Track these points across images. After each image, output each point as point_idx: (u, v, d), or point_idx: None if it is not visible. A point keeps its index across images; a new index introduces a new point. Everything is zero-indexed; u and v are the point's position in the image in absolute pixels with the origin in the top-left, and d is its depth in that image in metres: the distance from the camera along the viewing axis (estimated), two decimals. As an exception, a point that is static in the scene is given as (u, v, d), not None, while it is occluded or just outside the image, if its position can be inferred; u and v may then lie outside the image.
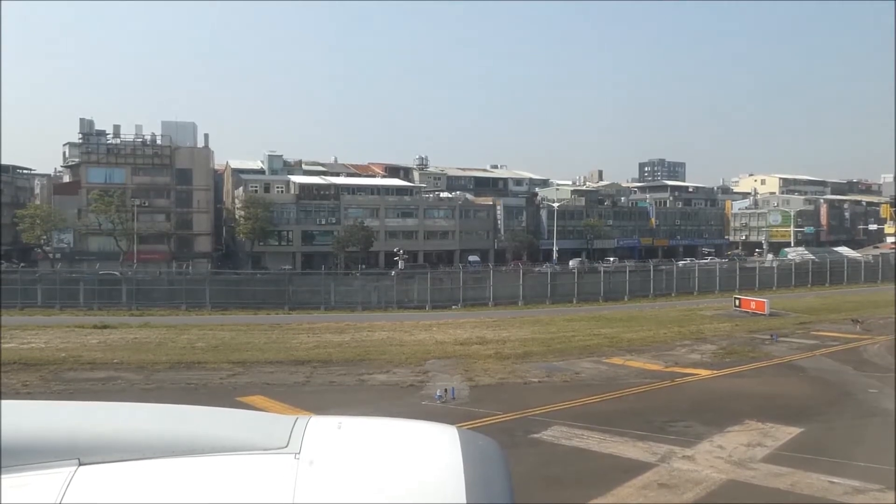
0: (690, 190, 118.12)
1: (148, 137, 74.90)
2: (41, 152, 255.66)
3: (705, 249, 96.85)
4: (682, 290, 50.81)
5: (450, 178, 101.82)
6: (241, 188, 76.81)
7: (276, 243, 74.63)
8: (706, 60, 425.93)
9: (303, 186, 77.83)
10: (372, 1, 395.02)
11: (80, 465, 1.58)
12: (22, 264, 62.30)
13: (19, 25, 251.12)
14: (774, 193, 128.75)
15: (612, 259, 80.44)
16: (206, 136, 78.30)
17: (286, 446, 1.68)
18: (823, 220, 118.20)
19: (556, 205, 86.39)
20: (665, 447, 13.64)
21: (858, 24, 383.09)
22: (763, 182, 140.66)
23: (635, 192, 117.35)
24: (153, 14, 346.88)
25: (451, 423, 1.95)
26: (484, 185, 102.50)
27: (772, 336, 29.16)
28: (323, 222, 76.27)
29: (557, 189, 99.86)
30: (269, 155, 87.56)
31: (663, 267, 56.72)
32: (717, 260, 77.08)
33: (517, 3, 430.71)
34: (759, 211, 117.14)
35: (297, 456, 1.64)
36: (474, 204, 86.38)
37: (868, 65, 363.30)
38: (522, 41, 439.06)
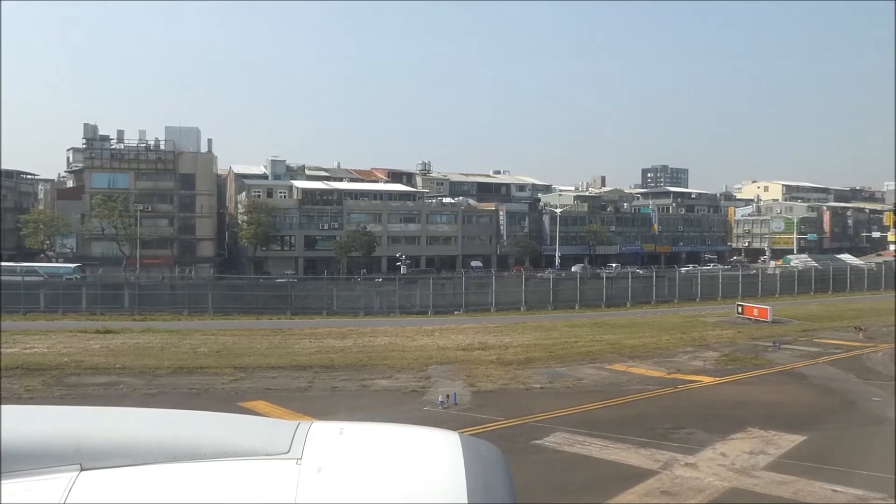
0: (693, 196, 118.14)
1: (151, 142, 75.17)
2: (45, 157, 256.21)
3: (708, 256, 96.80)
4: (685, 297, 50.76)
5: (452, 183, 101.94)
6: (244, 193, 76.95)
7: (279, 248, 74.71)
8: (710, 67, 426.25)
9: (306, 191, 77.95)
10: (375, 3, 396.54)
11: (83, 470, 1.58)
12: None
13: (22, 28, 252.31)
14: (777, 200, 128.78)
15: (614, 265, 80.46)
16: (210, 141, 78.64)
17: (288, 452, 1.68)
18: (826, 227, 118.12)
19: (558, 210, 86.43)
20: (667, 454, 13.60)
21: (861, 30, 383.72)
22: (766, 189, 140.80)
23: (638, 198, 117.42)
24: (157, 19, 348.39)
25: (453, 428, 1.96)
26: (486, 190, 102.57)
27: (774, 343, 29.07)
28: (325, 227, 76.33)
29: (560, 195, 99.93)
30: (272, 160, 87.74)
31: (665, 274, 56.74)
32: (720, 266, 76.99)
33: (520, 9, 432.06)
34: (761, 218, 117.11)
35: (299, 461, 1.64)
36: (477, 209, 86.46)
37: (871, 71, 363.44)
38: (525, 46, 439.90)
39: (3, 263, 54.51)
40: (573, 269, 70.89)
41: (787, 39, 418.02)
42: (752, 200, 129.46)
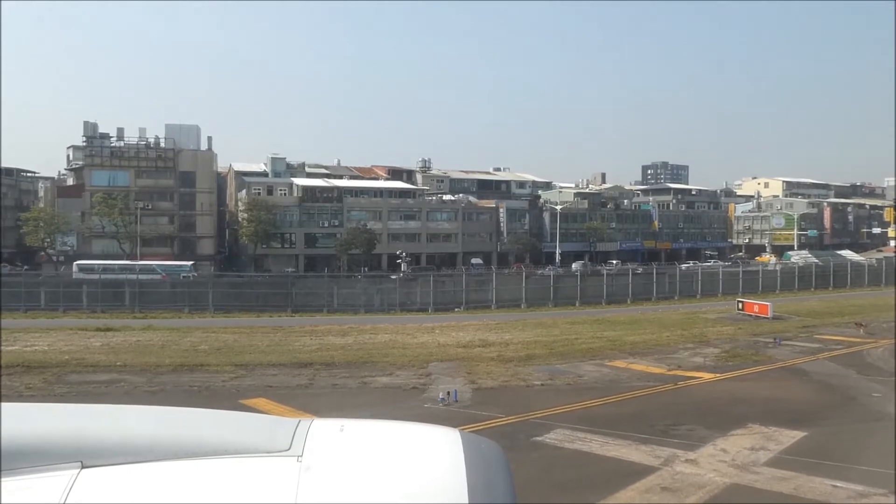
0: (693, 193, 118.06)
1: (151, 140, 75.18)
2: (45, 155, 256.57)
3: (708, 252, 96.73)
4: (685, 294, 50.72)
5: (453, 180, 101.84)
6: (244, 191, 76.93)
7: (279, 246, 74.71)
8: (710, 64, 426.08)
9: (306, 189, 77.92)
10: (376, 2, 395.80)
11: (83, 467, 1.58)
12: (25, 267, 62.49)
13: (22, 28, 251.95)
14: (778, 197, 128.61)
15: (614, 262, 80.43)
16: (210, 138, 78.65)
17: (289, 449, 1.68)
18: (827, 223, 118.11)
19: (558, 207, 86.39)
20: (668, 451, 13.61)
21: (861, 28, 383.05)
22: (766, 185, 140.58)
23: (638, 194, 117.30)
24: (157, 17, 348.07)
25: (454, 425, 1.96)
26: (487, 187, 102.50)
27: (775, 339, 29.07)
28: (326, 225, 76.32)
29: (560, 192, 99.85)
30: (272, 157, 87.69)
31: (665, 270, 56.71)
32: (720, 263, 76.97)
33: (520, 9, 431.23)
34: (762, 214, 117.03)
35: (300, 459, 1.64)
36: (477, 206, 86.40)
37: (871, 71, 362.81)
38: (526, 45, 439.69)
39: (121, 262, 56.39)
40: (573, 266, 70.86)
41: (788, 36, 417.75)
42: (752, 197, 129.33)
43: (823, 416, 16.83)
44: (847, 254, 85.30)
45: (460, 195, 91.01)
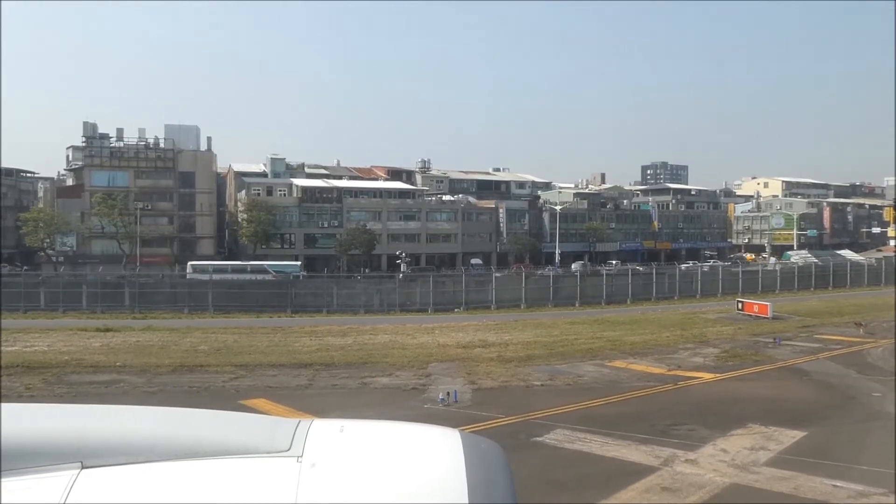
0: (693, 193, 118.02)
1: (151, 141, 75.17)
2: (44, 155, 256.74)
3: (707, 252, 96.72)
4: (685, 294, 50.70)
5: (452, 181, 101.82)
6: (243, 191, 76.91)
7: (279, 246, 74.64)
8: (709, 64, 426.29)
9: (305, 189, 77.90)
10: (375, 2, 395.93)
11: (83, 468, 1.58)
12: (25, 267, 62.44)
13: (22, 28, 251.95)
14: (777, 196, 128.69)
15: (614, 262, 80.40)
16: (209, 139, 78.65)
17: (289, 449, 1.68)
18: (826, 223, 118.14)
19: (558, 208, 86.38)
20: (668, 451, 13.61)
21: (861, 28, 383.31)
22: (766, 185, 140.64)
23: (638, 194, 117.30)
24: (157, 17, 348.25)
25: (454, 426, 1.96)
26: (486, 188, 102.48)
27: (775, 339, 29.08)
28: (325, 225, 76.30)
29: (560, 192, 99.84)
30: (271, 158, 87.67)
31: (665, 270, 56.70)
32: (720, 263, 76.91)
33: (520, 8, 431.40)
34: (761, 214, 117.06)
35: (300, 459, 1.64)
36: (477, 207, 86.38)
37: (871, 70, 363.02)
38: (525, 45, 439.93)
39: (233, 262, 58.18)
40: (573, 266, 70.80)
41: (787, 36, 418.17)
42: (751, 197, 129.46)
43: (823, 416, 16.83)
44: (846, 253, 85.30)
45: (460, 195, 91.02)
